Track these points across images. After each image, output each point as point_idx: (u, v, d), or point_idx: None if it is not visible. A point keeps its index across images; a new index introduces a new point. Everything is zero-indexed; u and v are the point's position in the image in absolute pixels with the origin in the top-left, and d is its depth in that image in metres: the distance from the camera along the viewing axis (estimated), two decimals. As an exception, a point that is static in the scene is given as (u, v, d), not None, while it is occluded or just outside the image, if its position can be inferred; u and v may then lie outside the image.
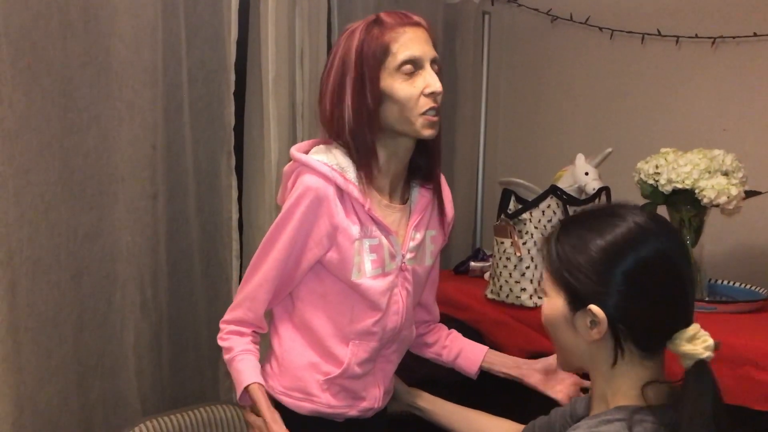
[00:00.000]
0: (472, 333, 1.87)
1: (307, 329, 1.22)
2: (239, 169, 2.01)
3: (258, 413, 1.18)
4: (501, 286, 1.78)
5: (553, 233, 0.97)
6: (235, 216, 1.99)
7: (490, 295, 1.84)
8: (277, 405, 1.21)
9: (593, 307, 0.89)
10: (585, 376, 1.08)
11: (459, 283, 2.07)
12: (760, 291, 1.71)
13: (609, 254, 0.89)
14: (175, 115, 1.87)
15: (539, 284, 1.09)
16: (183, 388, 1.98)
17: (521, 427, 1.25)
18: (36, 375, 1.65)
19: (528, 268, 1.71)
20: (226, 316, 1.25)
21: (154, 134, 1.81)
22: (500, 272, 1.78)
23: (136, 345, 1.89)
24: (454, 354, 1.43)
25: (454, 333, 1.48)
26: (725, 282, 1.81)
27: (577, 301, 0.91)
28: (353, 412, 1.25)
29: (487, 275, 1.94)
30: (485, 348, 1.43)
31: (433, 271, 1.40)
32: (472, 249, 2.34)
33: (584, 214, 1.00)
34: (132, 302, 1.87)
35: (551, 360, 1.34)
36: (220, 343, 1.24)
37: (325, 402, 1.22)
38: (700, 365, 0.84)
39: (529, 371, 1.36)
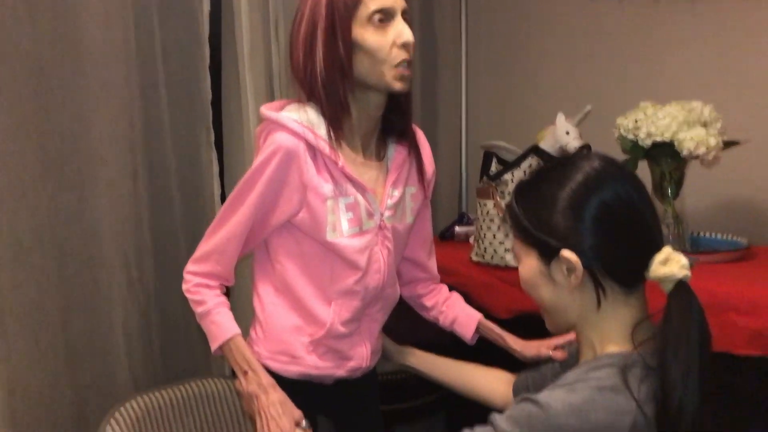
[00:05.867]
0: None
1: (288, 292, 1.22)
2: (219, 144, 1.99)
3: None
4: (485, 248, 1.79)
5: (512, 198, 0.98)
6: (217, 191, 1.98)
7: (475, 258, 1.85)
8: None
9: (565, 252, 0.89)
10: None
11: (445, 249, 2.07)
12: (741, 241, 1.72)
13: (572, 200, 0.91)
14: (150, 92, 1.85)
15: (513, 251, 1.10)
16: (175, 366, 1.99)
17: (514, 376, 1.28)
18: (25, 359, 1.65)
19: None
20: (193, 267, 1.23)
21: (131, 112, 1.79)
22: (484, 234, 1.78)
23: (124, 325, 1.89)
24: (449, 320, 1.44)
25: (453, 298, 1.48)
26: (707, 234, 1.83)
27: (549, 253, 0.92)
28: (341, 372, 1.25)
29: (472, 239, 1.94)
30: (478, 316, 1.44)
31: (424, 229, 1.40)
32: (458, 215, 2.34)
33: (538, 172, 1.04)
34: (118, 283, 1.86)
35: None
36: (189, 295, 1.22)
37: (312, 364, 1.22)
38: (680, 286, 0.85)
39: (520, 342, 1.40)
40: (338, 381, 1.28)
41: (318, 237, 1.17)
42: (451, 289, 1.91)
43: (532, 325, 1.84)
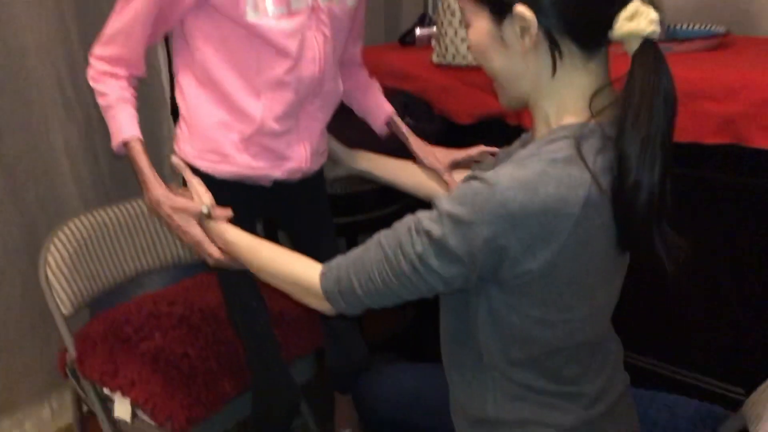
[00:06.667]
0: (420, 104, 1.78)
1: (211, 83, 1.09)
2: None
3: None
4: (446, 47, 1.65)
5: None
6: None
7: (436, 59, 1.72)
8: (194, 171, 1.12)
9: (519, 8, 0.77)
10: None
11: (405, 53, 1.93)
12: (719, 29, 1.60)
13: None
14: None
15: (462, 14, 0.95)
16: (129, 185, 1.90)
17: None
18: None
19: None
20: (98, 51, 1.09)
21: None
22: (445, 31, 1.64)
23: (66, 146, 1.79)
24: (363, 108, 1.35)
25: (371, 87, 1.36)
26: (684, 26, 1.70)
27: (501, 10, 0.80)
28: (278, 174, 1.16)
29: (433, 42, 1.80)
30: (390, 110, 1.34)
31: (357, 23, 1.24)
32: (420, 16, 2.14)
33: None
34: (52, 101, 1.73)
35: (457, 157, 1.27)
36: (93, 83, 1.09)
37: (244, 163, 1.12)
38: (646, 45, 0.75)
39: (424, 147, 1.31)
40: (278, 183, 1.19)
41: (237, 18, 1.01)
42: (411, 95, 1.81)
43: (494, 130, 1.77)
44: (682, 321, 1.52)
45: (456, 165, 1.27)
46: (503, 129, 1.63)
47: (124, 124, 1.08)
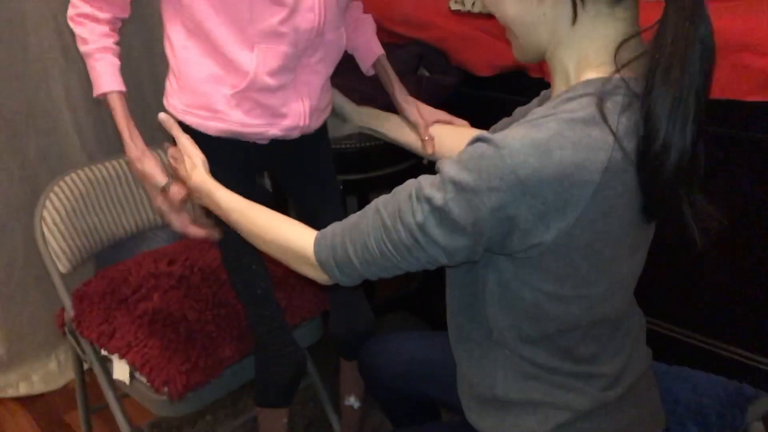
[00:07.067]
0: (436, 54, 1.67)
1: (201, 33, 0.99)
2: None
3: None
4: (466, -7, 1.54)
5: None
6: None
7: (454, 6, 1.60)
8: (183, 127, 1.05)
9: None
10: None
11: None
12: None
13: None
14: None
15: None
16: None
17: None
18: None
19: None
20: None
21: None
22: (465, -25, 1.52)
23: (67, 98, 1.72)
24: (351, 46, 1.25)
25: (362, 23, 1.25)
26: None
27: None
28: (275, 131, 1.07)
29: (453, -14, 1.68)
30: (379, 52, 1.24)
31: None
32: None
33: None
34: (50, 47, 1.65)
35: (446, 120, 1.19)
36: (72, 25, 1.01)
37: (236, 120, 1.04)
38: None
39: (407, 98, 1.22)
40: (275, 141, 1.10)
41: None
42: (426, 45, 1.70)
43: (515, 83, 1.67)
44: (710, 287, 1.43)
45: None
46: (525, 82, 1.53)
47: (103, 76, 1.02)
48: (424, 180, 0.73)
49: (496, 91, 1.60)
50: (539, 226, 0.68)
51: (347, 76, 1.34)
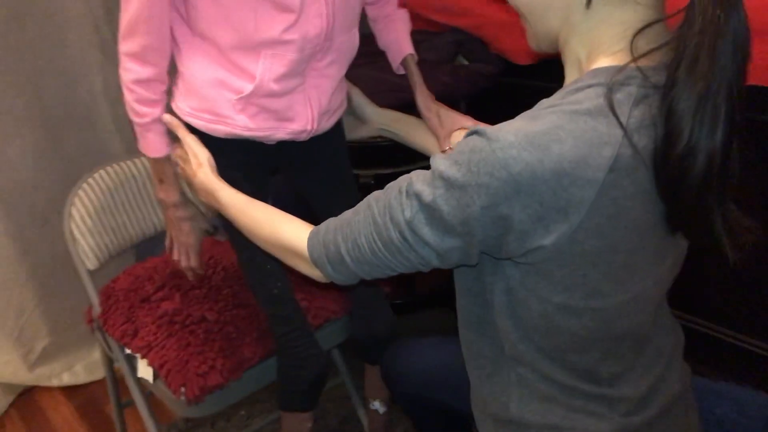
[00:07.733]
0: (475, 42, 1.59)
1: (208, 40, 0.97)
2: None
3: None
4: (504, -23, 1.45)
5: None
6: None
7: (493, -9, 1.52)
8: (191, 129, 1.02)
9: None
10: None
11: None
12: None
13: None
14: None
15: None
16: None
17: None
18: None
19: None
20: (124, 47, 0.97)
21: None
22: (502, -42, 1.43)
23: (106, 92, 1.73)
24: (383, 43, 1.20)
25: (395, 18, 1.20)
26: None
27: None
28: (282, 135, 1.03)
29: (494, -30, 1.59)
30: (408, 51, 1.18)
31: None
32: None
33: None
34: (89, 43, 1.66)
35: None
36: (128, 101, 1.01)
37: (241, 124, 1.01)
38: None
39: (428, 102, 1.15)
40: (282, 143, 1.07)
41: None
42: (464, 32, 1.62)
43: (556, 72, 1.56)
44: (749, 285, 1.31)
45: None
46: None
47: (154, 144, 1.06)
48: (416, 175, 0.67)
49: (536, 79, 1.51)
50: (537, 229, 0.61)
51: (380, 64, 1.29)
